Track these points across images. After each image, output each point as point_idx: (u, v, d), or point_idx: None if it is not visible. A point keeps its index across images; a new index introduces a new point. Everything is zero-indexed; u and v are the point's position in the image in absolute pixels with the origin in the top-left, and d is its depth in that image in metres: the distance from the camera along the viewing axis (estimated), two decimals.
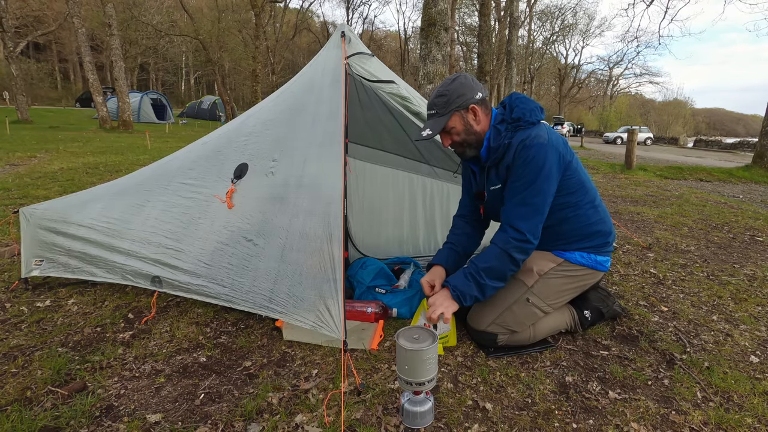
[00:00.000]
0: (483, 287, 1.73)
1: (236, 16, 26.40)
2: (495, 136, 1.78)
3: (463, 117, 1.75)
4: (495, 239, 1.77)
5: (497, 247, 1.74)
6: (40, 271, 2.33)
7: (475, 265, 1.75)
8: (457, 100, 1.72)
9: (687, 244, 3.62)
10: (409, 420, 1.37)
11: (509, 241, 1.72)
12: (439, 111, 1.73)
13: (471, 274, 1.74)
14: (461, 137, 1.78)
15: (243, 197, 2.10)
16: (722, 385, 1.66)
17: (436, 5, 5.26)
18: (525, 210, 1.72)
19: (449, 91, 1.72)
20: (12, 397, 1.52)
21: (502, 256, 1.72)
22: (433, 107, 1.75)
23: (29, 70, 30.71)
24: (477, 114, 1.76)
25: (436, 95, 1.75)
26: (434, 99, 1.75)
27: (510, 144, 1.74)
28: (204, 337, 1.93)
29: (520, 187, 1.72)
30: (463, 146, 1.82)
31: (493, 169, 1.83)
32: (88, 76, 15.18)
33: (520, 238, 1.71)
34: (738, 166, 9.93)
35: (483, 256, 1.77)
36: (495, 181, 1.83)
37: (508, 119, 1.78)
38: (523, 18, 28.16)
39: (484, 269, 1.73)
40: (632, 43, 39.06)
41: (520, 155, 1.71)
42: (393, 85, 2.16)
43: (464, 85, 1.73)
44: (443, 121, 1.73)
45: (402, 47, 44.77)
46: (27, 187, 4.95)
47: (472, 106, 1.75)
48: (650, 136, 28.60)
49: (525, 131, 1.73)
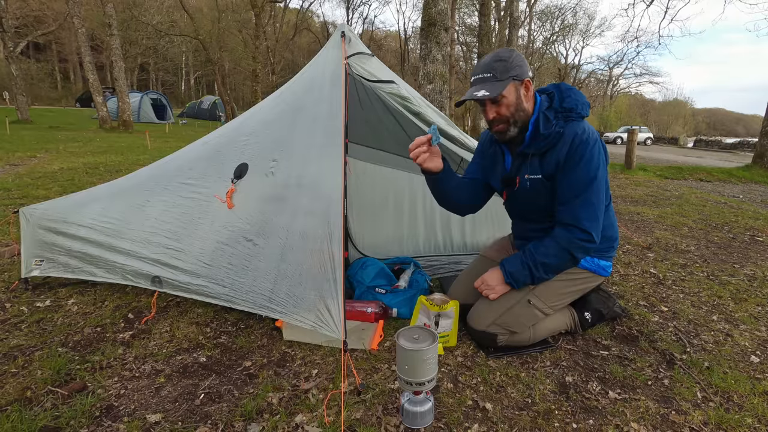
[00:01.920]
0: (536, 278, 1.77)
1: (236, 16, 26.37)
2: (545, 122, 1.67)
3: (517, 89, 1.64)
4: (558, 237, 1.72)
5: (560, 245, 1.71)
6: (40, 271, 2.33)
7: (534, 258, 1.74)
8: (516, 69, 1.62)
9: (687, 244, 3.62)
10: (409, 420, 1.37)
11: (575, 241, 1.69)
12: (497, 75, 1.60)
13: (528, 265, 1.75)
14: (510, 111, 1.66)
15: (243, 197, 2.10)
16: (722, 385, 1.66)
17: (436, 5, 5.26)
18: (590, 211, 1.68)
19: (509, 58, 1.62)
20: (12, 397, 1.52)
21: (564, 254, 1.70)
22: (489, 70, 1.61)
23: (29, 70, 30.68)
24: (529, 90, 1.67)
25: (494, 58, 1.63)
26: (492, 62, 1.62)
27: (562, 134, 1.66)
28: (204, 337, 1.93)
29: (581, 186, 1.66)
30: (509, 123, 1.69)
31: (536, 157, 1.73)
32: (88, 76, 15.17)
33: (587, 238, 1.68)
34: (738, 166, 9.93)
35: (543, 248, 1.74)
36: (537, 170, 1.73)
37: (558, 107, 1.69)
38: (523, 18, 28.17)
39: (542, 264, 1.73)
40: (632, 43, 38.99)
41: (578, 151, 1.64)
42: (393, 85, 2.16)
43: (522, 59, 1.65)
44: (501, 86, 1.59)
45: (402, 47, 44.76)
46: (27, 187, 4.95)
47: (527, 81, 1.66)
48: (650, 136, 28.60)
49: (577, 124, 1.67)
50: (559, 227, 1.74)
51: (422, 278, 2.42)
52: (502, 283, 1.81)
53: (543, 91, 1.79)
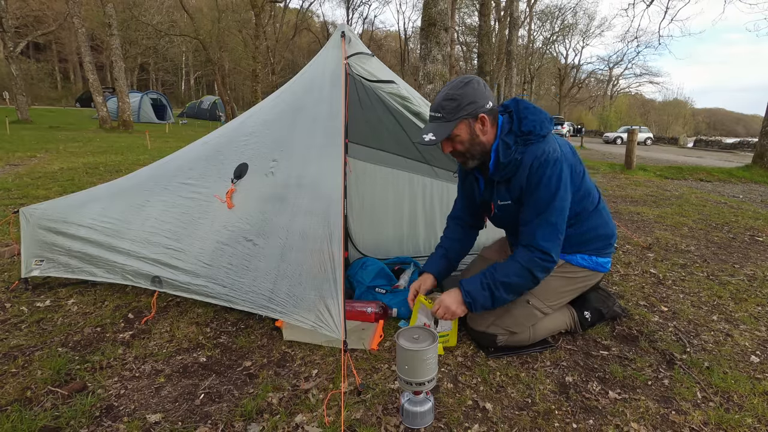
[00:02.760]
0: (496, 299, 1.72)
1: (236, 16, 26.36)
2: (504, 150, 1.66)
3: (470, 126, 1.64)
4: (518, 257, 1.71)
5: (520, 265, 1.69)
6: (40, 271, 2.33)
7: (494, 277, 1.71)
8: (468, 107, 1.61)
9: (687, 244, 3.62)
10: (409, 420, 1.37)
11: (534, 260, 1.68)
12: (446, 116, 1.61)
13: (488, 285, 1.71)
14: (465, 147, 1.68)
15: (243, 197, 2.10)
16: (722, 385, 1.66)
17: (436, 5, 5.26)
18: (548, 230, 1.67)
19: (460, 96, 1.60)
20: (12, 397, 1.52)
21: (525, 274, 1.69)
22: (439, 110, 1.63)
23: (29, 70, 30.71)
24: (485, 124, 1.65)
25: (444, 98, 1.62)
26: (442, 101, 1.62)
27: (521, 161, 1.66)
28: (204, 337, 1.93)
29: (540, 207, 1.67)
30: (466, 156, 1.72)
31: (502, 184, 1.75)
32: (88, 76, 15.17)
33: (546, 259, 1.68)
34: (738, 166, 9.93)
35: (503, 269, 1.72)
36: (505, 196, 1.77)
37: (517, 131, 1.67)
38: (523, 18, 28.16)
39: (503, 283, 1.70)
40: (632, 43, 39.06)
41: (536, 174, 1.64)
42: (393, 85, 2.16)
43: (476, 91, 1.62)
44: (449, 127, 1.62)
45: (402, 47, 44.77)
46: (27, 187, 4.95)
47: (482, 116, 1.63)
48: (650, 136, 28.60)
49: (536, 146, 1.65)
50: (520, 248, 1.73)
51: None
52: (461, 304, 1.75)
53: (504, 108, 1.76)
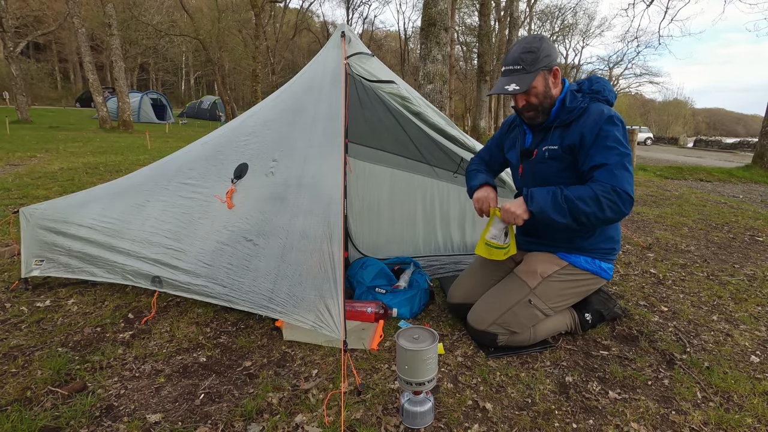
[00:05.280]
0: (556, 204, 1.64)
1: (236, 16, 26.34)
2: (571, 98, 1.75)
3: (545, 78, 1.72)
4: (595, 186, 1.61)
5: (594, 192, 1.59)
6: (40, 271, 2.33)
7: (562, 189, 1.65)
8: (544, 60, 1.68)
9: (687, 244, 3.62)
10: (409, 420, 1.37)
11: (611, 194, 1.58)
12: (526, 68, 1.68)
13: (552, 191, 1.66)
14: (539, 99, 1.73)
15: (243, 197, 2.10)
16: (722, 385, 1.66)
17: (436, 5, 5.26)
18: (628, 175, 1.61)
19: (537, 49, 1.67)
20: (12, 397, 1.52)
21: (594, 203, 1.59)
22: (519, 62, 1.68)
23: (29, 70, 30.67)
24: (557, 77, 1.74)
25: (522, 50, 1.68)
26: (520, 54, 1.68)
27: (587, 109, 1.72)
28: (204, 337, 1.93)
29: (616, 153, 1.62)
30: (537, 110, 1.76)
31: (557, 130, 1.77)
32: (88, 76, 15.16)
33: (625, 199, 1.59)
34: (738, 166, 9.93)
35: (574, 188, 1.65)
36: (556, 141, 1.77)
37: (586, 90, 1.78)
38: (523, 18, 28.13)
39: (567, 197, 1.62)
40: (632, 43, 38.94)
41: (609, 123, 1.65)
42: (393, 85, 2.16)
43: (550, 46, 1.70)
44: (531, 78, 1.68)
45: (402, 47, 44.73)
46: (27, 187, 4.95)
47: (555, 69, 1.73)
48: (650, 136, 28.63)
49: (602, 104, 1.72)
50: (598, 182, 1.63)
51: (422, 278, 2.42)
52: (522, 205, 1.70)
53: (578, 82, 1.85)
